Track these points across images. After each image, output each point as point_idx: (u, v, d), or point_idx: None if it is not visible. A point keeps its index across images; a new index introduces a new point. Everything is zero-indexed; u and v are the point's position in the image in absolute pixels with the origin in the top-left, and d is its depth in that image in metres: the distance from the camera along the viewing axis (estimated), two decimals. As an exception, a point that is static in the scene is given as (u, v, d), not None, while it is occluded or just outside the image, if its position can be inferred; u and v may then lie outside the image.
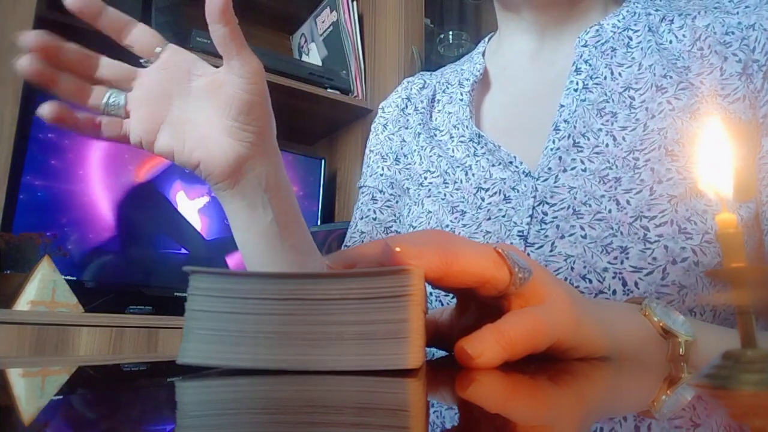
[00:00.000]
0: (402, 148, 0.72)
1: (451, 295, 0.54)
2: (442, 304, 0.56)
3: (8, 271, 1.24)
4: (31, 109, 1.34)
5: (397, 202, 0.71)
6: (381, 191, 0.72)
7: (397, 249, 0.27)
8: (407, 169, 0.71)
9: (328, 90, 1.69)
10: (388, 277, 0.25)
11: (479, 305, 0.36)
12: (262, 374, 0.25)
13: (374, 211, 0.71)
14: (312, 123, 1.83)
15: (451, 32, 1.92)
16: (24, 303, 1.17)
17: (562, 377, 0.28)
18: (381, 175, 0.73)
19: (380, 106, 0.78)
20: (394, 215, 0.71)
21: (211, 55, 1.48)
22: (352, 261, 0.30)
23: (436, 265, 0.28)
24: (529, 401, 0.21)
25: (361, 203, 0.74)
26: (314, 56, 1.85)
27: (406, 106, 0.75)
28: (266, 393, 0.22)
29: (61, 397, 0.23)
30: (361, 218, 0.72)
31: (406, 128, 0.73)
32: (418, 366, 0.25)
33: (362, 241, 0.68)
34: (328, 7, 1.78)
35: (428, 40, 1.88)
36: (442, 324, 0.39)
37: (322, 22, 1.81)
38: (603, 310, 0.39)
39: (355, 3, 1.79)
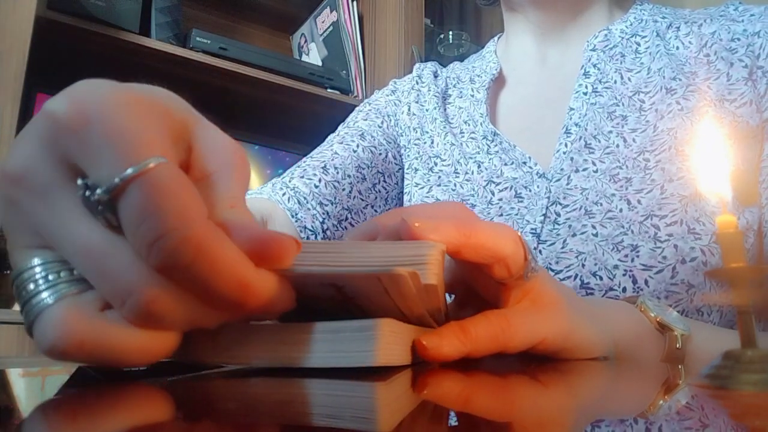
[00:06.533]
0: (412, 122, 0.72)
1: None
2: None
3: (8, 272, 1.24)
4: (31, 109, 1.34)
5: (381, 155, 0.69)
6: (372, 136, 0.70)
7: (416, 224, 0.27)
8: (416, 145, 0.70)
9: (328, 90, 1.69)
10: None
11: (477, 304, 0.36)
12: (258, 374, 0.25)
13: (357, 146, 0.68)
14: (312, 123, 1.83)
15: (451, 32, 1.92)
16: (24, 303, 1.17)
17: (556, 379, 0.28)
18: (379, 127, 0.72)
19: (392, 81, 0.79)
20: (372, 164, 0.68)
21: (211, 54, 1.48)
22: (373, 233, 0.30)
23: (454, 237, 0.28)
24: (500, 402, 0.21)
25: (344, 134, 0.70)
26: (314, 56, 1.85)
27: (417, 83, 0.75)
28: (257, 393, 0.22)
29: (61, 397, 0.23)
30: (340, 143, 0.69)
31: (416, 102, 0.73)
32: (387, 363, 0.24)
33: (332, 159, 0.66)
34: (328, 7, 1.78)
35: (428, 40, 1.88)
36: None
37: (322, 22, 1.81)
38: (600, 308, 0.40)
39: (355, 3, 1.79)
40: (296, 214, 0.61)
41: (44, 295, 0.22)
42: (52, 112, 0.22)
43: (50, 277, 0.22)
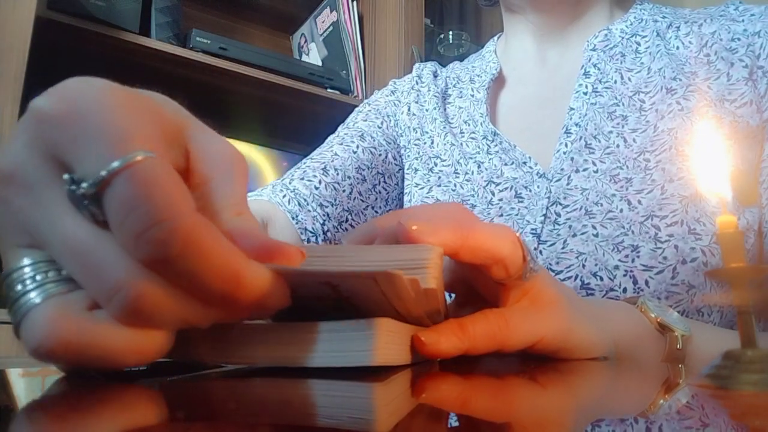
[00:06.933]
0: (411, 122, 0.72)
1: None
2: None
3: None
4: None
5: (381, 156, 0.69)
6: (372, 137, 0.70)
7: (414, 227, 0.27)
8: (416, 145, 0.70)
9: (328, 90, 1.69)
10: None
11: (477, 304, 0.36)
12: (258, 374, 0.25)
13: (357, 147, 0.68)
14: (312, 123, 1.83)
15: (451, 32, 1.92)
16: (24, 303, 1.16)
17: (556, 379, 0.28)
18: (378, 127, 0.72)
19: (391, 81, 0.78)
20: (372, 165, 0.68)
21: (211, 54, 1.48)
22: (371, 235, 0.30)
23: (452, 240, 0.28)
24: (501, 406, 0.21)
25: (344, 135, 0.70)
26: (314, 56, 1.85)
27: (417, 83, 0.75)
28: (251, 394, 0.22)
29: (58, 395, 0.23)
30: (340, 144, 0.69)
31: (416, 102, 0.73)
32: (385, 363, 0.24)
33: (332, 161, 0.66)
34: (328, 7, 1.78)
35: (428, 40, 1.88)
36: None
37: (322, 22, 1.81)
38: (600, 308, 0.40)
39: (355, 3, 1.79)
40: (296, 216, 0.61)
41: (32, 295, 0.21)
42: (38, 108, 0.22)
43: (38, 277, 0.22)
